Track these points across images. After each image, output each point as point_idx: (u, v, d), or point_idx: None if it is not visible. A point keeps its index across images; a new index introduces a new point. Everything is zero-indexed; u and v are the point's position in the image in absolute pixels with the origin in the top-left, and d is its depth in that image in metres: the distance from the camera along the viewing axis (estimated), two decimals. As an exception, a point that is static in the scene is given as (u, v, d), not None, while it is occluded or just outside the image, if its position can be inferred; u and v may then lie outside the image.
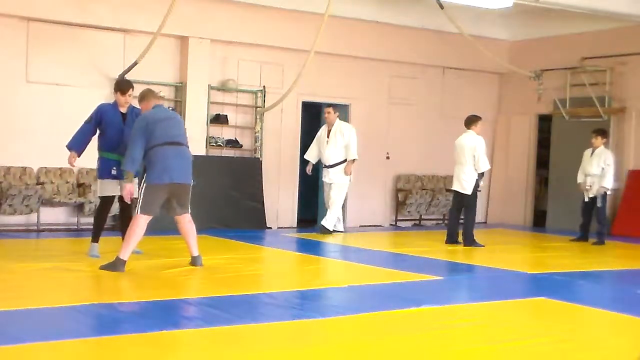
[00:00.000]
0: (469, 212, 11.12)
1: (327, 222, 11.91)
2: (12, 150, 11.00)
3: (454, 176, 11.22)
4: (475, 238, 10.96)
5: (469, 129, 11.24)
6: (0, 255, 8.55)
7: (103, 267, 7.66)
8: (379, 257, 9.86)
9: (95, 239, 8.54)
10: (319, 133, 12.28)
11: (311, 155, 12.30)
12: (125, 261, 7.59)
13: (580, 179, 12.02)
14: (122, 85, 8.60)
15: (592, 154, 11.95)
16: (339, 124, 12.08)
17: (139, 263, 7.96)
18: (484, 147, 11.09)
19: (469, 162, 10.99)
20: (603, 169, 11.73)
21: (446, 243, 11.14)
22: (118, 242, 7.98)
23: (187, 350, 4.94)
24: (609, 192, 11.88)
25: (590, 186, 11.80)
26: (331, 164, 12.04)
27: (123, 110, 8.53)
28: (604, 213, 11.88)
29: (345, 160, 12.00)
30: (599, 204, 11.77)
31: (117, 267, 7.56)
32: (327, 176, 12.10)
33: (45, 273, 7.46)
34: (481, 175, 11.14)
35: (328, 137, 12.05)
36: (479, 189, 11.31)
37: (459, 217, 11.30)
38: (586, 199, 11.92)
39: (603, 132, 12.11)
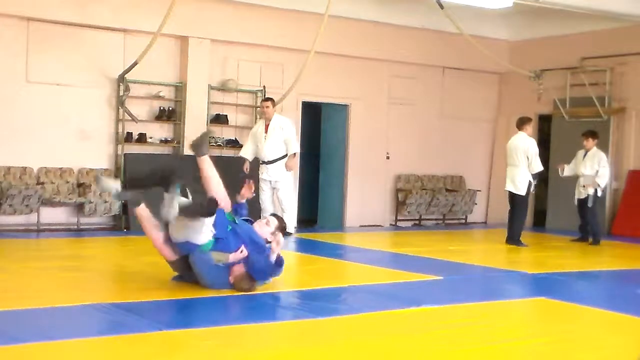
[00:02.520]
0: (517, 212, 11.38)
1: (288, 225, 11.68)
2: (12, 150, 10.99)
3: (508, 177, 11.38)
4: (520, 238, 11.35)
5: (520, 130, 11.43)
6: (0, 255, 8.55)
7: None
8: (379, 257, 9.85)
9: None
10: (254, 129, 11.77)
11: (247, 152, 11.71)
12: None
13: (561, 172, 12.17)
14: None
15: (584, 155, 11.92)
16: (277, 119, 11.52)
17: (138, 262, 7.95)
18: (536, 149, 11.29)
19: (523, 163, 11.21)
20: (597, 170, 11.72)
21: (507, 243, 11.41)
22: (118, 242, 7.96)
23: (187, 350, 4.94)
24: (600, 191, 11.86)
25: (585, 186, 11.79)
26: (270, 159, 11.45)
27: None
28: (594, 213, 11.86)
29: (285, 156, 11.48)
30: (589, 204, 11.75)
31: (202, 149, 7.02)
32: (266, 173, 11.48)
33: (45, 273, 7.47)
34: (535, 176, 11.30)
35: (266, 132, 11.47)
36: (532, 190, 11.49)
37: None
38: (575, 201, 11.94)
39: (593, 134, 12.02)
